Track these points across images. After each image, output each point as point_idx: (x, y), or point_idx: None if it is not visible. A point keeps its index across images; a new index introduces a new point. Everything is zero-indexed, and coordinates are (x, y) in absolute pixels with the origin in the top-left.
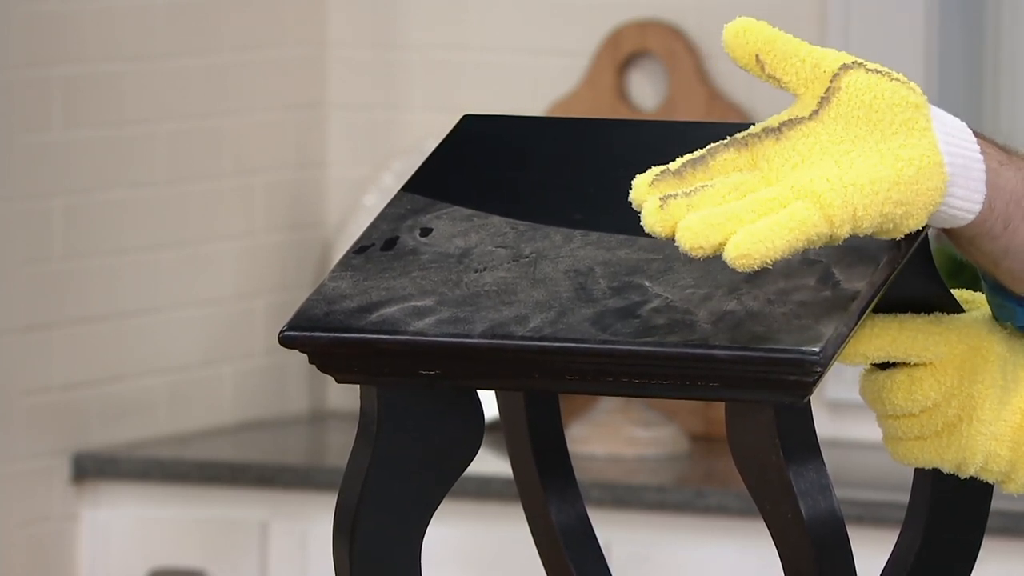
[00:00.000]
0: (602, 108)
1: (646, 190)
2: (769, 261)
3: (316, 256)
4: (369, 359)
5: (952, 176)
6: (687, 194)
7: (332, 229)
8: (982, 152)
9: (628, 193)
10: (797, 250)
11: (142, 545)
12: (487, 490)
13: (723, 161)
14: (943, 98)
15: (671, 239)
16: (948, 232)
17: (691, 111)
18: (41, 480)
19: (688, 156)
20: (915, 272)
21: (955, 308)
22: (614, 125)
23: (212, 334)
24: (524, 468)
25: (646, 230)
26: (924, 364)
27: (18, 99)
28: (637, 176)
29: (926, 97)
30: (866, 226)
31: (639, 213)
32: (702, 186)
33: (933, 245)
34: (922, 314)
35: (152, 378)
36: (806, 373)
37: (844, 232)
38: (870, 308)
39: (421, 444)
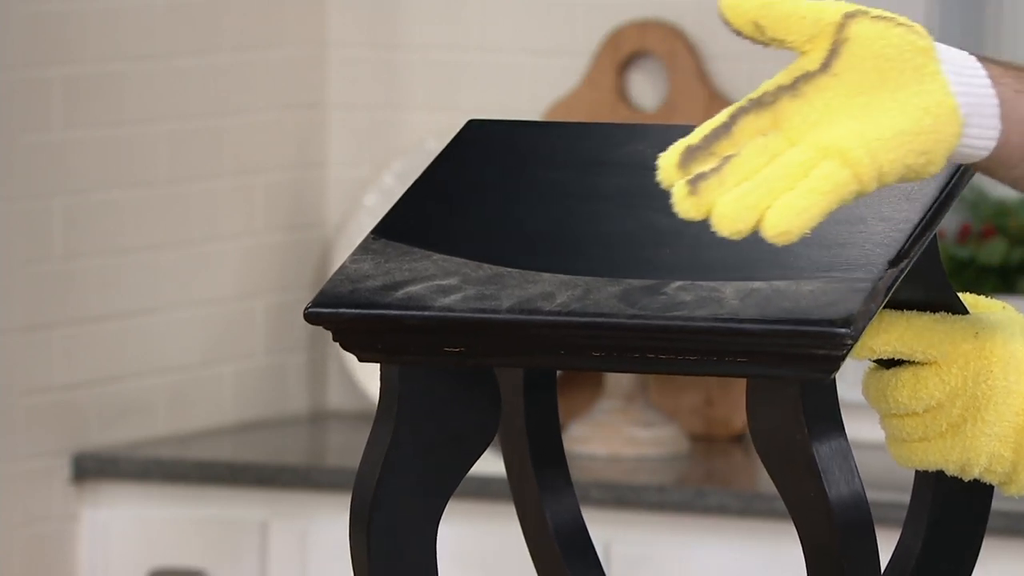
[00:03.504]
0: (602, 108)
1: (674, 172)
2: (808, 231)
3: (316, 256)
4: (395, 336)
5: (967, 117)
6: (716, 170)
7: (332, 229)
8: (994, 85)
9: (636, 184)
10: (831, 212)
11: (142, 545)
12: (487, 490)
13: (745, 126)
14: None
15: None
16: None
17: (691, 111)
18: (41, 480)
19: (710, 124)
20: (923, 272)
21: (961, 310)
22: (618, 128)
23: (212, 334)
24: (518, 465)
25: (679, 215)
26: (929, 363)
27: (18, 99)
28: (661, 156)
29: (932, 39)
30: (891, 179)
31: (652, 214)
32: (727, 157)
33: None
34: (929, 312)
35: (152, 378)
36: (835, 347)
37: (872, 187)
38: (894, 288)
39: (440, 425)
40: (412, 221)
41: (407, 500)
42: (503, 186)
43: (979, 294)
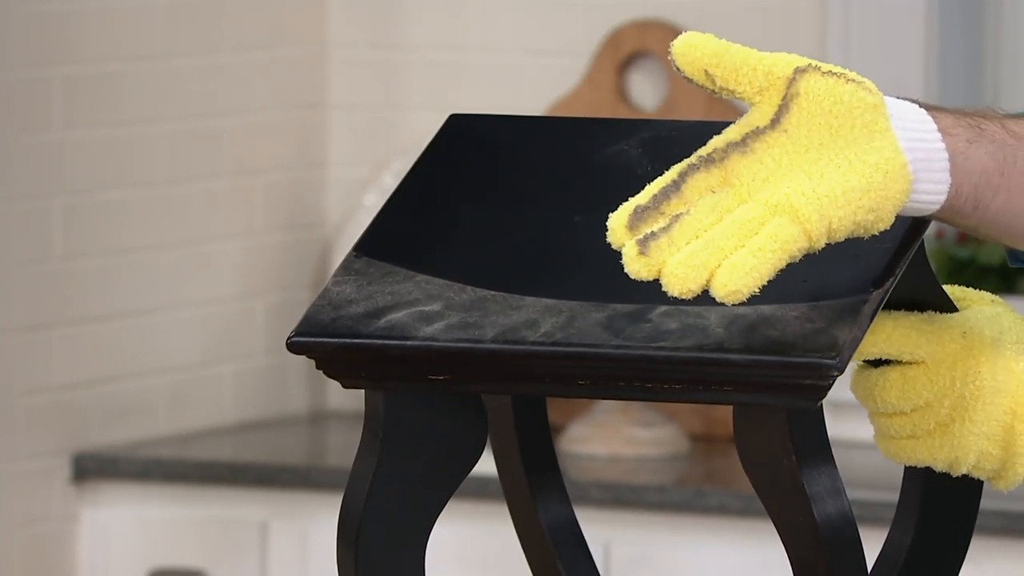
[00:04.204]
0: (602, 108)
1: (624, 233)
2: (757, 289)
3: (316, 256)
4: (379, 365)
5: (916, 174)
6: (666, 229)
7: (332, 229)
8: (945, 138)
9: (621, 191)
10: (780, 269)
11: (142, 545)
12: (487, 490)
13: (695, 184)
14: (943, 98)
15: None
16: None
17: (691, 111)
18: (41, 480)
19: (659, 182)
20: (910, 271)
21: (949, 307)
22: (600, 124)
23: (212, 334)
24: (510, 467)
25: (630, 276)
26: (917, 363)
27: (18, 99)
28: (612, 216)
29: (882, 95)
30: (840, 236)
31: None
32: (677, 215)
33: (932, 245)
34: (916, 312)
35: (152, 378)
36: (822, 378)
37: (821, 244)
38: (879, 309)
39: (426, 449)
40: (394, 236)
41: (394, 522)
42: (485, 192)
43: None
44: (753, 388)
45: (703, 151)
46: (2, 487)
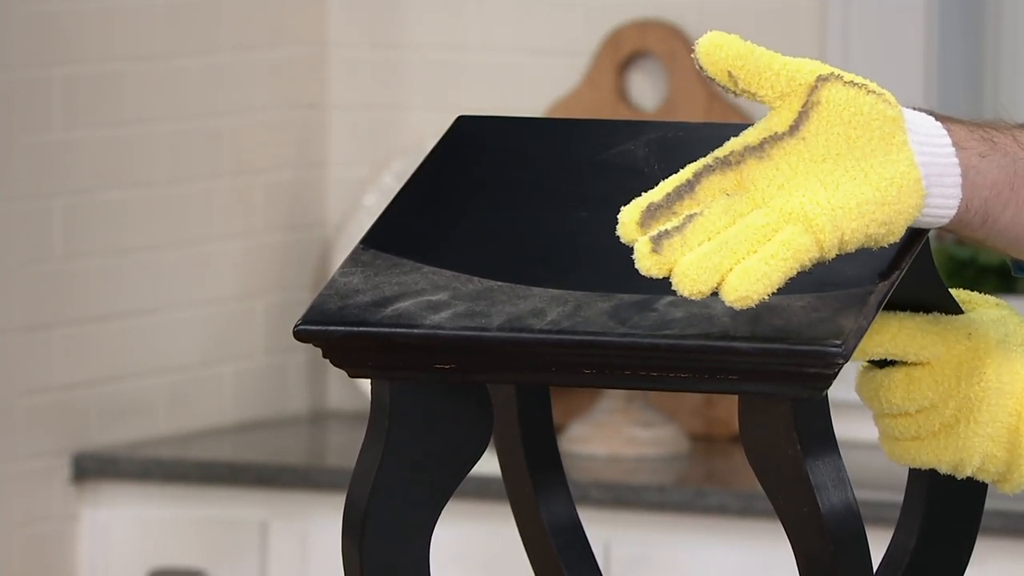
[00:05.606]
0: (602, 108)
1: (634, 228)
2: (767, 296)
3: (316, 256)
4: (385, 353)
5: (928, 188)
6: (679, 229)
7: (332, 229)
8: (958, 152)
9: (627, 188)
10: (791, 277)
11: (142, 545)
12: (487, 490)
13: (709, 185)
14: (943, 97)
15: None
16: None
17: (691, 111)
18: (41, 480)
19: (673, 181)
20: (915, 272)
21: (954, 309)
22: (607, 125)
23: (212, 334)
24: (513, 465)
25: (641, 272)
26: (922, 364)
27: (18, 99)
28: (623, 210)
29: (901, 107)
30: (851, 247)
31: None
32: (691, 215)
33: (933, 246)
34: (921, 313)
35: (152, 378)
36: (827, 366)
37: (832, 255)
38: (885, 301)
39: (432, 439)
40: (402, 230)
41: (399, 513)
42: (492, 190)
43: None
44: (758, 377)
45: (719, 152)
46: (2, 487)
